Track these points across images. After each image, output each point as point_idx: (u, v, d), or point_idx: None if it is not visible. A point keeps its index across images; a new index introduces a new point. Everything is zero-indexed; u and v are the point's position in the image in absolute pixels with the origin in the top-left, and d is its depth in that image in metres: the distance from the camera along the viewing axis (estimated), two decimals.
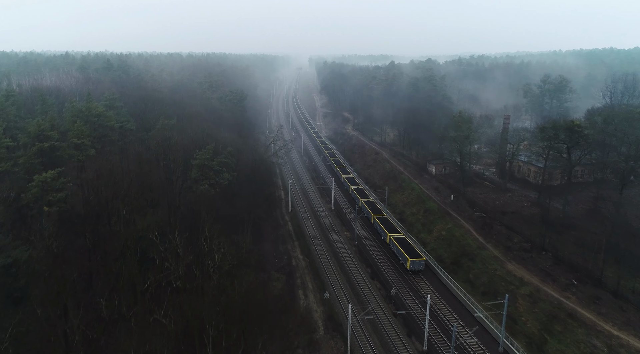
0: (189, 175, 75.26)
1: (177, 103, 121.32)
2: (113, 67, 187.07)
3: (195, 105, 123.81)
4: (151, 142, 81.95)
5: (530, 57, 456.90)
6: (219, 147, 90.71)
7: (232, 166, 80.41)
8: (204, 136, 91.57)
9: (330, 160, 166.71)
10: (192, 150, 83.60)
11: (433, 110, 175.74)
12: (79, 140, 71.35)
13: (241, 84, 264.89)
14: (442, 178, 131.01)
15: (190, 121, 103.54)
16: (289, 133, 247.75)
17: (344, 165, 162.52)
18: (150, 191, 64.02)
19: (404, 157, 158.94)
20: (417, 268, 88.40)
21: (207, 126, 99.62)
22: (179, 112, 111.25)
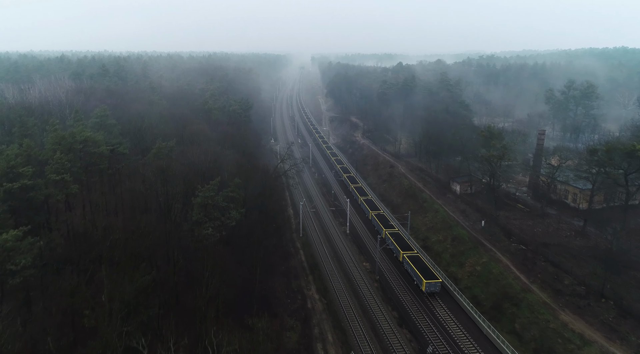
0: (189, 214, 63.53)
1: (177, 118, 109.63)
2: (109, 73, 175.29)
3: (196, 120, 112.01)
4: (146, 171, 70.15)
5: (542, 58, 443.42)
6: (224, 175, 78.97)
7: (240, 200, 68.54)
8: (207, 162, 79.77)
9: (344, 177, 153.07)
10: (193, 180, 71.88)
11: (451, 120, 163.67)
12: (59, 176, 59.65)
13: (244, 89, 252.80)
14: (469, 199, 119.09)
15: (192, 141, 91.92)
16: (295, 140, 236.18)
17: (360, 183, 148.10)
18: (142, 241, 52.29)
19: (422, 172, 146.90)
20: None
21: (209, 148, 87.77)
22: (179, 130, 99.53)
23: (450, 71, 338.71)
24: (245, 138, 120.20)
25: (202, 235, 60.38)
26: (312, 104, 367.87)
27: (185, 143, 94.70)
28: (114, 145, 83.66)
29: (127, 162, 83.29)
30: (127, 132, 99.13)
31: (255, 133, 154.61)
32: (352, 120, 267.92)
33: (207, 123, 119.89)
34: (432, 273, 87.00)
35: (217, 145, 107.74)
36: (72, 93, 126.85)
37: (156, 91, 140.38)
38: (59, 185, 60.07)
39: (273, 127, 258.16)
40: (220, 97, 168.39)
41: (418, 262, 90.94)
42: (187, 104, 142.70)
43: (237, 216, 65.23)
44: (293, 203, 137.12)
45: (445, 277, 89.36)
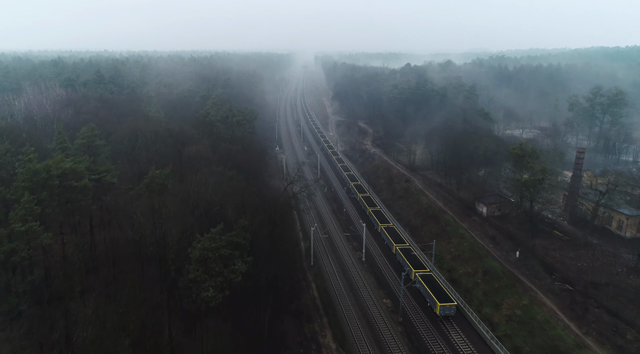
0: (185, 269, 52.40)
1: (175, 134, 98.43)
2: (104, 79, 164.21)
3: (196, 136, 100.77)
4: (136, 211, 58.99)
5: (554, 58, 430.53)
6: (227, 211, 67.77)
7: (246, 246, 57.36)
8: (208, 193, 68.59)
9: (360, 197, 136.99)
10: (190, 221, 60.77)
11: (470, 129, 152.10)
12: (24, 226, 48.65)
13: (248, 93, 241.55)
14: (497, 223, 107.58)
15: (190, 165, 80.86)
16: (301, 148, 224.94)
17: (378, 205, 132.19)
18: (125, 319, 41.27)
19: (441, 189, 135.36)
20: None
21: (210, 176, 76.66)
22: (177, 149, 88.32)
23: (461, 73, 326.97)
24: (251, 155, 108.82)
25: (201, 297, 49.23)
26: (317, 107, 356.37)
27: (183, 166, 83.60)
28: (101, 173, 72.59)
29: (115, 193, 72.19)
30: (118, 153, 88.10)
31: (261, 146, 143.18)
32: (360, 125, 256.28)
33: (208, 138, 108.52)
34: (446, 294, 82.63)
35: (220, 165, 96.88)
36: (61, 104, 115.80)
37: (153, 101, 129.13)
38: (26, 236, 48.99)
39: (278, 132, 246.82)
40: (222, 105, 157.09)
41: (432, 283, 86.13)
42: (187, 115, 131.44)
43: (244, 269, 53.99)
44: (302, 223, 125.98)
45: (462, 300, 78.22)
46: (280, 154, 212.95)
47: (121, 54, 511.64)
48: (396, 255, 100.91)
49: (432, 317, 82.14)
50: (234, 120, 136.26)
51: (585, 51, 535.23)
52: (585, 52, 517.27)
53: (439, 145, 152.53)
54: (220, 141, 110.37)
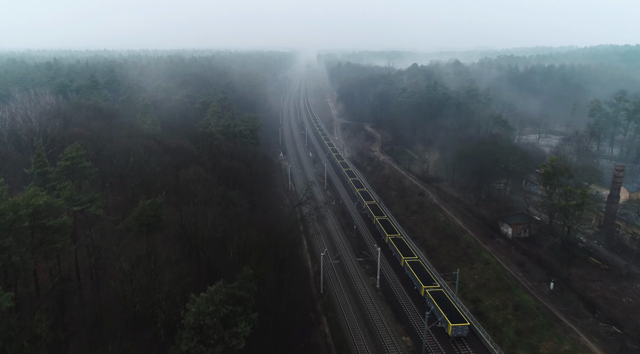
0: (177, 335, 43.23)
1: (171, 151, 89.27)
2: (98, 84, 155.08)
3: (195, 154, 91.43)
4: (121, 257, 49.90)
5: (563, 58, 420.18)
6: (229, 251, 58.58)
7: (252, 299, 48.19)
8: (207, 228, 59.38)
9: (377, 221, 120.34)
10: (185, 269, 51.65)
11: (488, 139, 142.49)
12: None
13: (250, 97, 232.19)
14: (525, 247, 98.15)
15: (187, 191, 71.67)
16: (306, 153, 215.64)
17: (398, 231, 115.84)
18: None
19: (459, 204, 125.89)
20: None
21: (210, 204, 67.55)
22: (172, 174, 79.12)
23: (470, 74, 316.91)
24: (254, 173, 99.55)
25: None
26: (321, 108, 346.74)
27: (180, 191, 74.48)
28: (84, 204, 63.48)
29: (100, 226, 63.07)
30: (108, 174, 78.95)
31: (265, 161, 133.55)
32: (366, 129, 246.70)
33: (208, 153, 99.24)
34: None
35: (221, 185, 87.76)
36: (49, 115, 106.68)
37: (149, 111, 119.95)
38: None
39: (282, 137, 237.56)
40: (224, 113, 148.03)
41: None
42: (186, 124, 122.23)
43: (248, 331, 44.85)
44: (309, 244, 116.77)
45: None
46: (284, 161, 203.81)
47: (120, 53, 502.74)
48: (426, 298, 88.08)
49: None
50: (236, 131, 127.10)
51: (596, 50, 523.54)
52: (595, 51, 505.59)
53: (454, 154, 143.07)
54: (222, 156, 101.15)
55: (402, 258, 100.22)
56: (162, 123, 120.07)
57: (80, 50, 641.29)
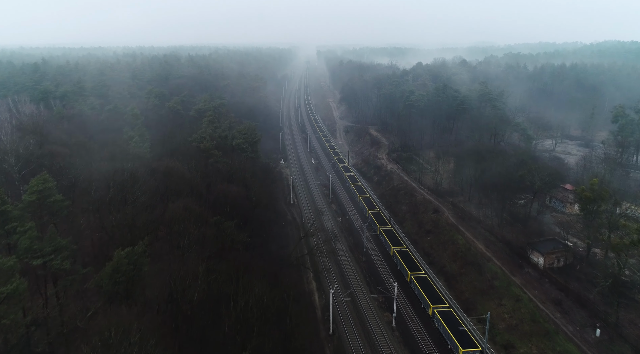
0: None
1: (160, 174, 77.90)
2: (85, 91, 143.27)
3: (186, 179, 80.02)
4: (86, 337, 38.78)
5: (571, 55, 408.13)
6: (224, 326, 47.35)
7: None
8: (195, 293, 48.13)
9: (395, 252, 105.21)
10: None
11: (508, 149, 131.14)
12: None
13: (250, 101, 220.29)
14: (560, 280, 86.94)
15: (174, 231, 60.41)
16: (308, 160, 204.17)
17: (425, 271, 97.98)
18: None
19: (479, 224, 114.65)
20: None
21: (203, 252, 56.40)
22: (159, 207, 67.80)
23: (477, 73, 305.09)
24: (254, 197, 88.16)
25: None
26: (322, 109, 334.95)
27: (166, 234, 63.17)
28: (47, 256, 52.27)
29: (66, 282, 51.91)
30: (84, 209, 67.56)
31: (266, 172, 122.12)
32: (371, 133, 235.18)
33: (202, 176, 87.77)
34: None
35: (216, 213, 76.53)
36: (24, 131, 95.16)
37: (138, 124, 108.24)
38: None
39: (282, 142, 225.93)
40: (221, 122, 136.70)
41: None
42: (178, 138, 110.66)
43: None
44: (315, 270, 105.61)
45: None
46: (285, 169, 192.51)
47: (115, 51, 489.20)
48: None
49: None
50: (234, 144, 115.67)
51: (603, 47, 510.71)
52: (602, 48, 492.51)
53: (470, 167, 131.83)
54: (217, 177, 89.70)
55: (430, 306, 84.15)
56: (152, 136, 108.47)
57: (74, 47, 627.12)
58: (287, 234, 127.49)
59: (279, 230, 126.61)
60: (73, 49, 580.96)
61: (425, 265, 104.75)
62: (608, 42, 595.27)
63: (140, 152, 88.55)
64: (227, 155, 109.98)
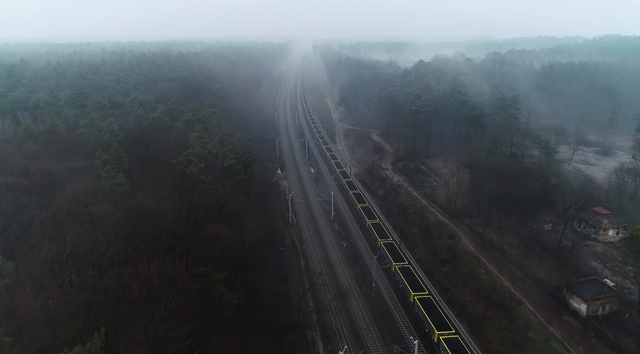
0: None
1: (134, 220, 63.96)
2: (60, 100, 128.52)
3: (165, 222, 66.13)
4: None
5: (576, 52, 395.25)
6: None
7: None
8: None
9: (416, 300, 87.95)
10: None
11: (534, 170, 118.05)
12: None
13: (243, 107, 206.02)
14: (609, 332, 74.33)
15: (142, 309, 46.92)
16: (307, 169, 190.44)
17: (460, 336, 78.80)
18: None
19: (502, 255, 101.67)
20: None
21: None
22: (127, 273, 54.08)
23: (482, 72, 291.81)
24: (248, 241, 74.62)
25: None
26: (320, 109, 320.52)
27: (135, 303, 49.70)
28: None
29: None
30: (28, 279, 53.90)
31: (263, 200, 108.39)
32: (373, 138, 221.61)
33: (187, 212, 74.06)
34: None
35: (204, 263, 63.14)
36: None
37: (115, 141, 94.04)
38: None
39: (279, 148, 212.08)
40: (211, 134, 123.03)
41: None
42: (162, 160, 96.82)
43: None
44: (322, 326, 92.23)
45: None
46: (282, 180, 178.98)
47: (104, 48, 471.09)
48: None
49: None
50: (225, 165, 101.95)
51: (606, 42, 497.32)
52: (606, 43, 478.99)
53: (486, 183, 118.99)
54: (205, 212, 76.11)
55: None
56: (132, 157, 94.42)
57: (62, 43, 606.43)
58: (286, 262, 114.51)
59: (277, 259, 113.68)
60: (60, 45, 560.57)
61: (448, 309, 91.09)
62: (610, 37, 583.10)
63: (113, 186, 74.53)
64: (217, 179, 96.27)
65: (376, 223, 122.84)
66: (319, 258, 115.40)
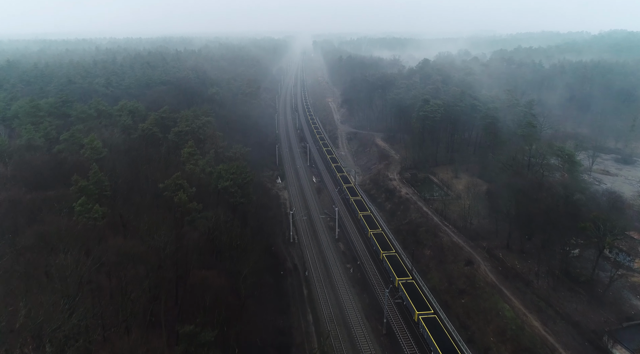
0: None
1: (118, 264, 53.60)
2: (41, 110, 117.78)
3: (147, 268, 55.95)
4: None
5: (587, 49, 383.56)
6: None
7: None
8: None
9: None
10: None
11: (560, 188, 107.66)
12: None
13: (241, 112, 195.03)
14: None
15: None
16: (309, 179, 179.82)
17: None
18: None
19: (528, 287, 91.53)
20: None
21: None
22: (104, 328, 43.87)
23: (490, 71, 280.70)
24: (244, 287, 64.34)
25: None
26: (321, 109, 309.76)
27: None
28: None
29: None
30: None
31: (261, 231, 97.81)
32: (378, 143, 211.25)
33: (173, 252, 63.77)
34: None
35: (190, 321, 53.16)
36: None
37: (100, 157, 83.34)
38: None
39: (279, 153, 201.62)
40: (206, 148, 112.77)
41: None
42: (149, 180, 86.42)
43: None
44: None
45: None
46: (283, 190, 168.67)
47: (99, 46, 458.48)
48: None
49: None
50: (219, 186, 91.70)
51: (614, 38, 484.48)
52: (614, 39, 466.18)
53: (505, 201, 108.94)
54: (195, 251, 65.84)
55: None
56: (115, 179, 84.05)
57: (56, 40, 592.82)
58: (287, 291, 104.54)
59: (277, 285, 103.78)
60: (54, 42, 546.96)
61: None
62: (617, 33, 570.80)
63: (87, 222, 64.08)
64: (210, 203, 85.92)
65: (392, 257, 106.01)
66: (323, 286, 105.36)
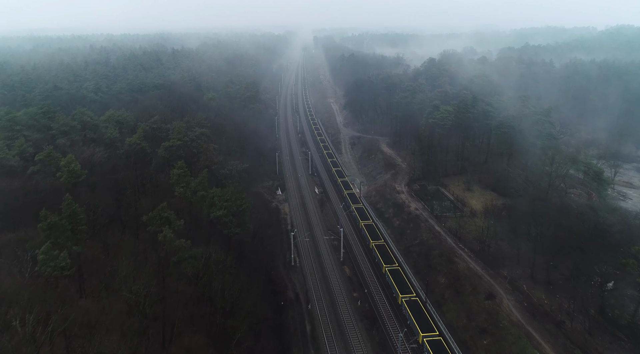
0: None
1: (85, 337, 43.79)
2: (19, 123, 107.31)
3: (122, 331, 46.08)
4: None
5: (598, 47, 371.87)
6: None
7: None
8: None
9: None
10: None
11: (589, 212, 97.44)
12: None
13: (240, 118, 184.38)
14: None
15: None
16: (311, 190, 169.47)
17: None
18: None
19: (559, 329, 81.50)
20: None
21: None
22: None
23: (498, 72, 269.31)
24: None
25: None
26: (323, 111, 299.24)
27: None
28: None
29: None
30: None
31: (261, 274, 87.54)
32: (383, 150, 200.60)
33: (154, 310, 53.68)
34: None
35: None
36: None
37: (79, 181, 73.14)
38: None
39: (279, 161, 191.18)
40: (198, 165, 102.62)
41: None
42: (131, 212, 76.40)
43: None
44: None
45: None
46: (283, 203, 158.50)
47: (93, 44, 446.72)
48: None
49: None
50: (212, 216, 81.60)
51: (622, 34, 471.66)
52: (623, 36, 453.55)
53: (529, 226, 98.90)
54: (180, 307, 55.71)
55: None
56: (94, 208, 73.97)
57: (52, 36, 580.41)
58: (288, 326, 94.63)
59: (277, 319, 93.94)
60: (49, 39, 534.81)
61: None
62: (625, 28, 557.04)
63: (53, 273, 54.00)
64: (201, 236, 75.67)
65: (413, 302, 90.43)
66: (328, 321, 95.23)
